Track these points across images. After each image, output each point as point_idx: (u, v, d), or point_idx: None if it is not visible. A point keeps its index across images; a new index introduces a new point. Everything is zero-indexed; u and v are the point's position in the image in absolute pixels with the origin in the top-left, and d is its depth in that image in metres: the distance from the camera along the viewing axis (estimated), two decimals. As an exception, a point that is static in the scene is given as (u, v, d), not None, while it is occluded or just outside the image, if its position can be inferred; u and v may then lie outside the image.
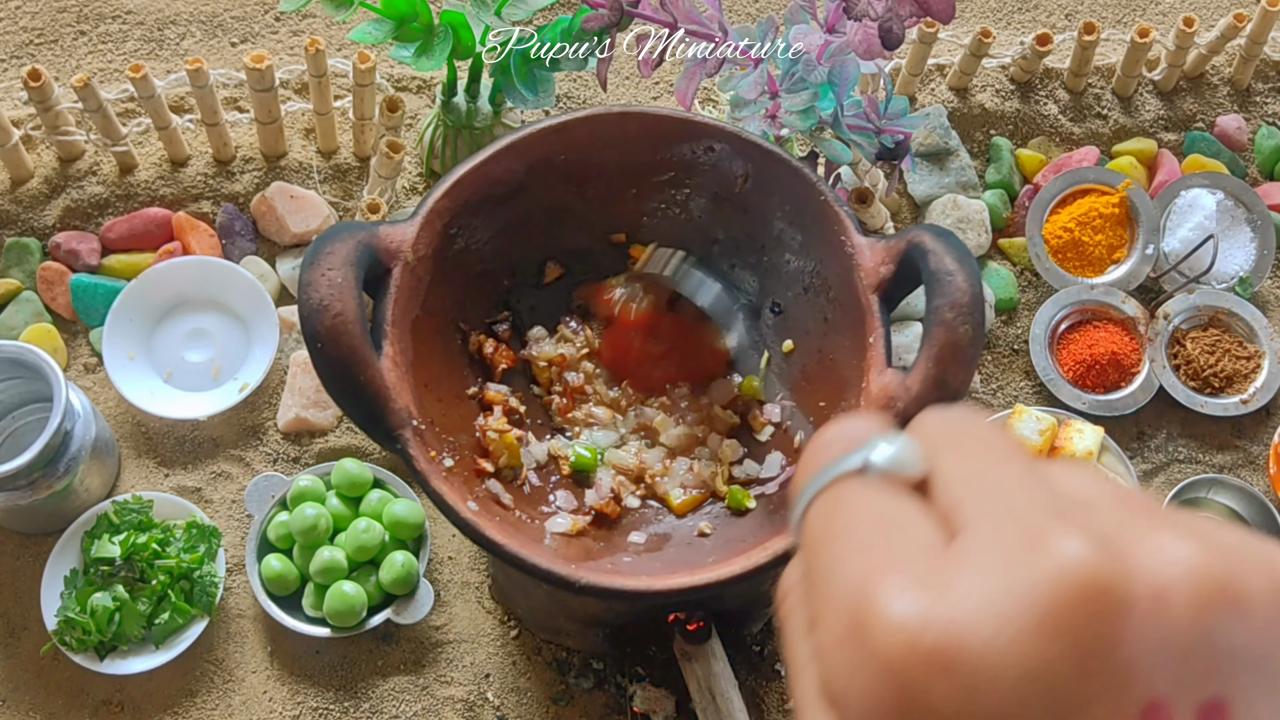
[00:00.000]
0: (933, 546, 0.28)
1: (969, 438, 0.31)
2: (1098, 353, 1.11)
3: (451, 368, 0.86)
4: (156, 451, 1.06)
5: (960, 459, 0.31)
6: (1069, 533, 0.26)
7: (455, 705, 0.98)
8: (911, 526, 0.29)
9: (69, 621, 0.95)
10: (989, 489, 0.29)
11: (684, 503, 0.85)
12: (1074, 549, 0.26)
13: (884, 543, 0.29)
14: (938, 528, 0.29)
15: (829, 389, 0.85)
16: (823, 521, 0.31)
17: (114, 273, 1.11)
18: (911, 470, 0.31)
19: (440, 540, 1.04)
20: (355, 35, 0.97)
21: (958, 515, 0.29)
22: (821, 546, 0.30)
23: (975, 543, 0.28)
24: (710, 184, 0.89)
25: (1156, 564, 0.26)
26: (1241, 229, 1.18)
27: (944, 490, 0.30)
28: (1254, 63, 1.23)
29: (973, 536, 0.28)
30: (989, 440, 0.31)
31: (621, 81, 1.25)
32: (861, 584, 0.28)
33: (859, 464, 0.31)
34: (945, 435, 0.32)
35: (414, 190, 1.16)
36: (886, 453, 0.31)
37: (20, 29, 1.23)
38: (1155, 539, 0.27)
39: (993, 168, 1.20)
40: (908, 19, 0.90)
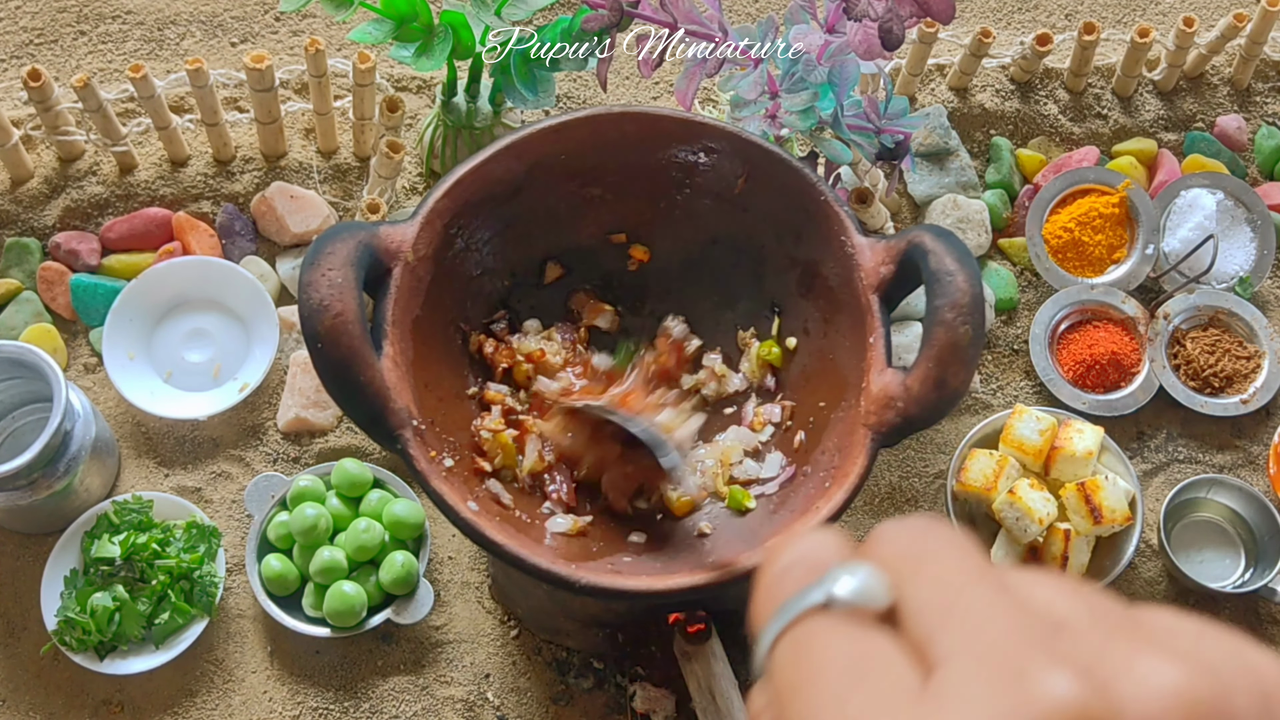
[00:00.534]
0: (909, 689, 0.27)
1: (934, 558, 0.30)
2: (1098, 353, 1.11)
3: (452, 368, 0.86)
4: (156, 451, 1.06)
5: (928, 585, 0.29)
6: (1052, 668, 0.26)
7: (455, 705, 0.98)
8: (885, 667, 0.28)
9: (69, 621, 0.95)
10: (962, 618, 0.28)
11: (683, 503, 0.85)
12: (1059, 688, 0.25)
13: (859, 689, 0.28)
14: (912, 664, 0.28)
15: (829, 389, 0.85)
16: (791, 665, 0.30)
17: (114, 273, 1.11)
18: (877, 602, 0.30)
19: (440, 540, 1.04)
20: (355, 35, 0.97)
21: (931, 649, 0.28)
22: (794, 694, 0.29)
23: (954, 683, 0.27)
24: (710, 184, 0.89)
25: (1143, 696, 0.26)
26: (1241, 229, 1.18)
27: (915, 622, 0.29)
28: (1254, 63, 1.23)
29: (951, 676, 0.27)
30: (955, 559, 0.30)
31: (621, 81, 1.25)
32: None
33: (822, 599, 0.30)
34: (909, 557, 0.30)
35: (414, 190, 1.16)
36: (850, 586, 0.30)
37: (20, 29, 1.23)
38: (1140, 666, 0.26)
39: (993, 168, 1.20)
40: (908, 19, 0.90)
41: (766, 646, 0.31)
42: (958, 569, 0.29)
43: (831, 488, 0.77)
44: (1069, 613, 0.28)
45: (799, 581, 0.31)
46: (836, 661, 0.29)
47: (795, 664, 0.30)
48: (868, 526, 1.07)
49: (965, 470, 1.03)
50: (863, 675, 0.28)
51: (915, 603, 0.29)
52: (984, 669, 0.26)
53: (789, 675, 0.30)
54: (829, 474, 0.79)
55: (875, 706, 0.27)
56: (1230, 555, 1.08)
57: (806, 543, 0.33)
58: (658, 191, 0.90)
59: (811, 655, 0.29)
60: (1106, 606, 0.29)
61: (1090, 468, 1.03)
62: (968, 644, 0.27)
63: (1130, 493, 1.02)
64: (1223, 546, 1.08)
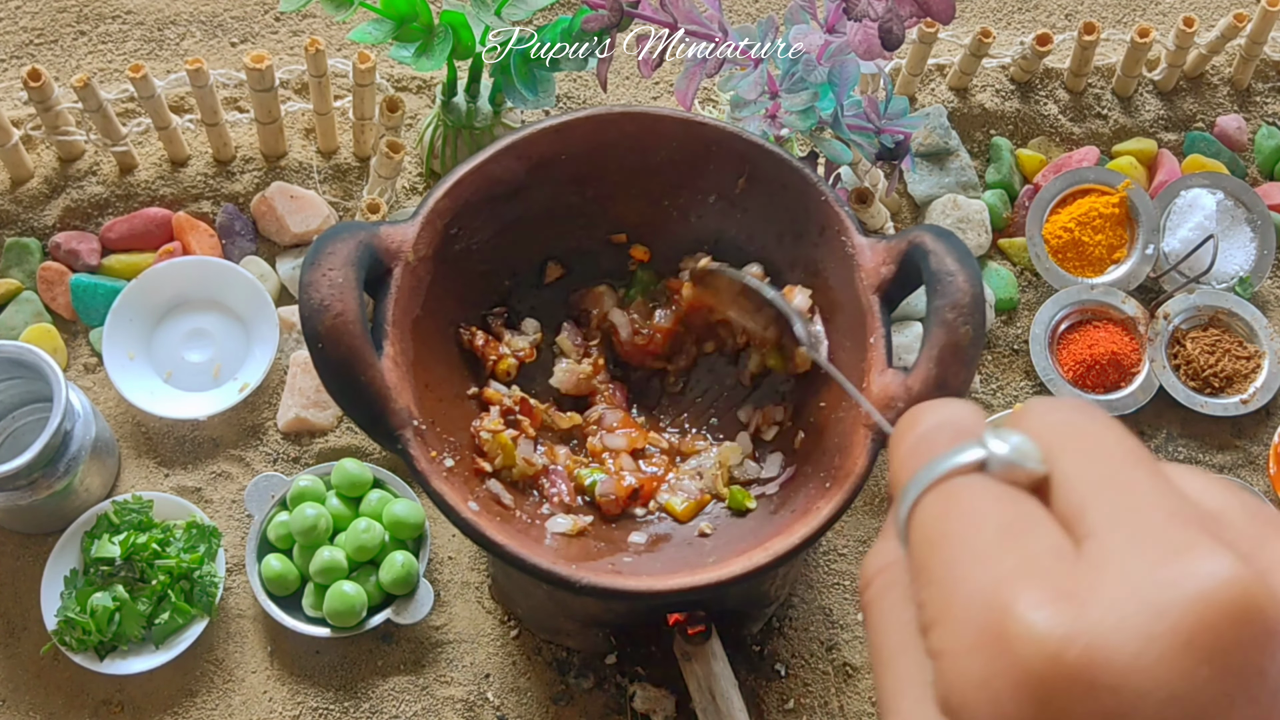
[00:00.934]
0: (1064, 554, 0.27)
1: (1088, 436, 0.30)
2: (1098, 353, 1.11)
3: (452, 368, 0.86)
4: (156, 451, 1.06)
5: (1083, 460, 0.29)
6: (1213, 549, 0.26)
7: (455, 705, 0.99)
8: (1039, 530, 0.28)
9: (69, 621, 0.95)
10: (1117, 494, 0.28)
11: (687, 509, 0.85)
12: (1220, 567, 0.25)
13: (1013, 547, 0.28)
14: (1062, 532, 0.28)
15: (829, 389, 0.85)
16: (939, 518, 0.30)
17: (114, 273, 1.11)
18: (1030, 469, 0.30)
19: (440, 540, 1.04)
20: (355, 35, 0.97)
21: (1084, 520, 0.28)
22: (940, 546, 0.29)
23: (1112, 553, 0.26)
24: (710, 184, 0.89)
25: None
26: (1241, 229, 1.18)
27: (1068, 493, 0.29)
28: (1254, 63, 1.23)
29: (1108, 545, 0.27)
30: (1110, 439, 0.30)
31: (621, 81, 1.25)
32: (995, 591, 0.27)
33: (977, 458, 0.30)
34: (1063, 432, 0.30)
35: (414, 190, 1.16)
36: (1005, 449, 0.30)
37: (20, 29, 1.23)
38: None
39: (993, 168, 1.20)
40: (908, 19, 0.90)
41: (911, 500, 0.31)
42: (1115, 447, 0.29)
43: (832, 488, 0.77)
44: (1225, 506, 0.28)
45: (949, 442, 0.31)
46: (989, 519, 0.29)
47: (943, 517, 0.29)
48: (869, 527, 1.07)
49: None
50: (1016, 534, 0.28)
51: (1070, 474, 0.29)
52: (1143, 543, 0.26)
53: (935, 529, 0.29)
54: (829, 474, 0.79)
55: (1030, 567, 0.27)
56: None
57: (952, 407, 0.33)
58: (658, 191, 0.90)
59: (963, 510, 0.29)
60: (1260, 505, 0.29)
61: (1090, 468, 1.03)
62: (1126, 517, 0.27)
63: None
64: (1223, 546, 1.08)
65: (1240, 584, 0.25)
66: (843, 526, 1.07)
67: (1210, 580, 0.25)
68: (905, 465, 0.32)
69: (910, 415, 0.33)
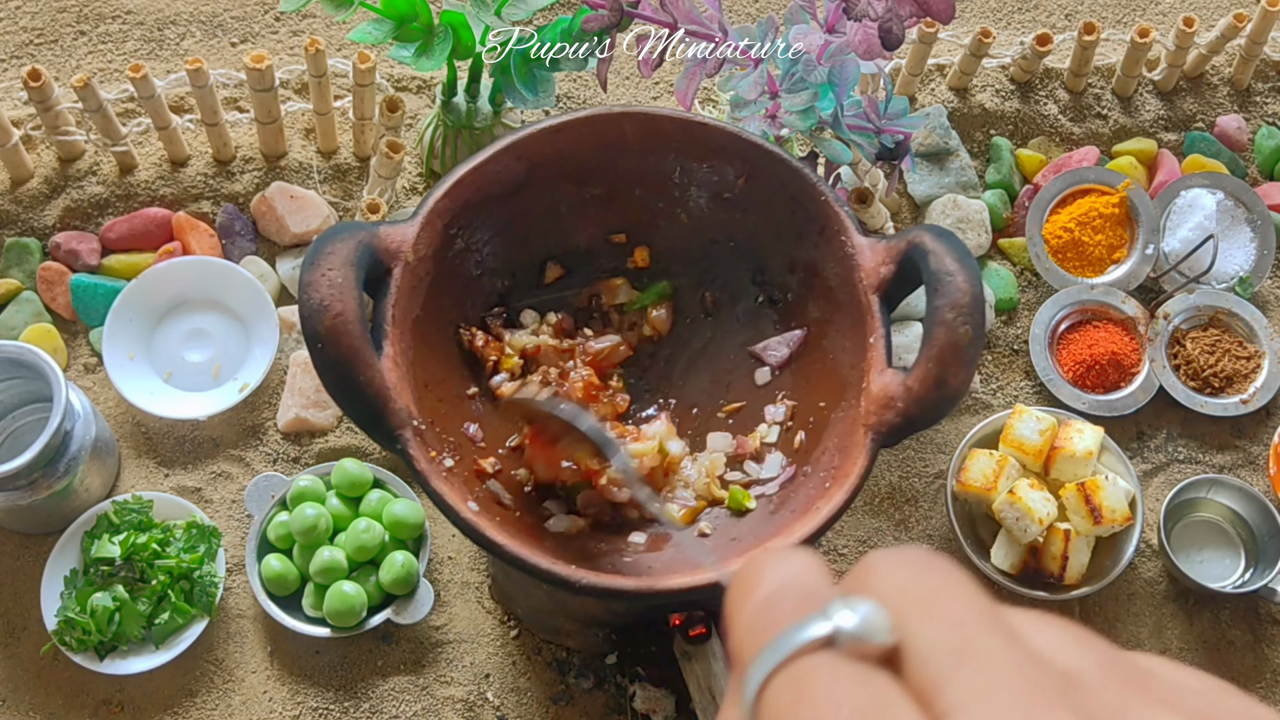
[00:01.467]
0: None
1: (938, 600, 0.29)
2: (1098, 353, 1.11)
3: (452, 368, 0.86)
4: (156, 451, 1.06)
5: (937, 627, 0.28)
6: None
7: (455, 705, 0.98)
8: (895, 714, 0.27)
9: (69, 621, 0.95)
10: (973, 668, 0.27)
11: (685, 514, 0.85)
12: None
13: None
14: (918, 711, 0.27)
15: (829, 389, 0.85)
16: (790, 706, 0.28)
17: (114, 273, 1.11)
18: (881, 640, 0.28)
19: (440, 540, 1.04)
20: (355, 35, 0.97)
21: (941, 697, 0.27)
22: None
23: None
24: (710, 184, 0.89)
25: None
26: (1241, 229, 1.18)
27: (921, 666, 0.27)
28: (1254, 63, 1.23)
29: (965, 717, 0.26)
30: (963, 600, 0.28)
31: (621, 81, 1.25)
32: None
33: (824, 633, 0.28)
34: (911, 597, 0.29)
35: (414, 190, 1.16)
36: (854, 621, 0.28)
37: (20, 29, 1.23)
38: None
39: (993, 168, 1.20)
40: (908, 19, 0.90)
41: (757, 684, 0.29)
42: (966, 611, 0.28)
43: (832, 488, 0.77)
44: (1078, 664, 0.28)
45: (793, 613, 0.29)
46: (844, 706, 0.27)
47: (796, 705, 0.28)
48: (868, 527, 1.07)
49: (965, 470, 1.03)
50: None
51: (923, 645, 0.28)
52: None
53: (788, 717, 0.28)
54: (829, 474, 0.79)
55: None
56: (1230, 555, 1.08)
57: (792, 564, 0.31)
58: (658, 191, 0.90)
59: (815, 698, 0.27)
60: (1113, 657, 0.28)
61: (1090, 468, 1.03)
62: (982, 696, 0.26)
63: (1130, 493, 1.02)
64: (1223, 546, 1.08)
65: None
66: (843, 526, 1.07)
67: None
68: (748, 639, 0.30)
69: (748, 573, 0.31)
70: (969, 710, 0.26)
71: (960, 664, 0.27)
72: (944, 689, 0.27)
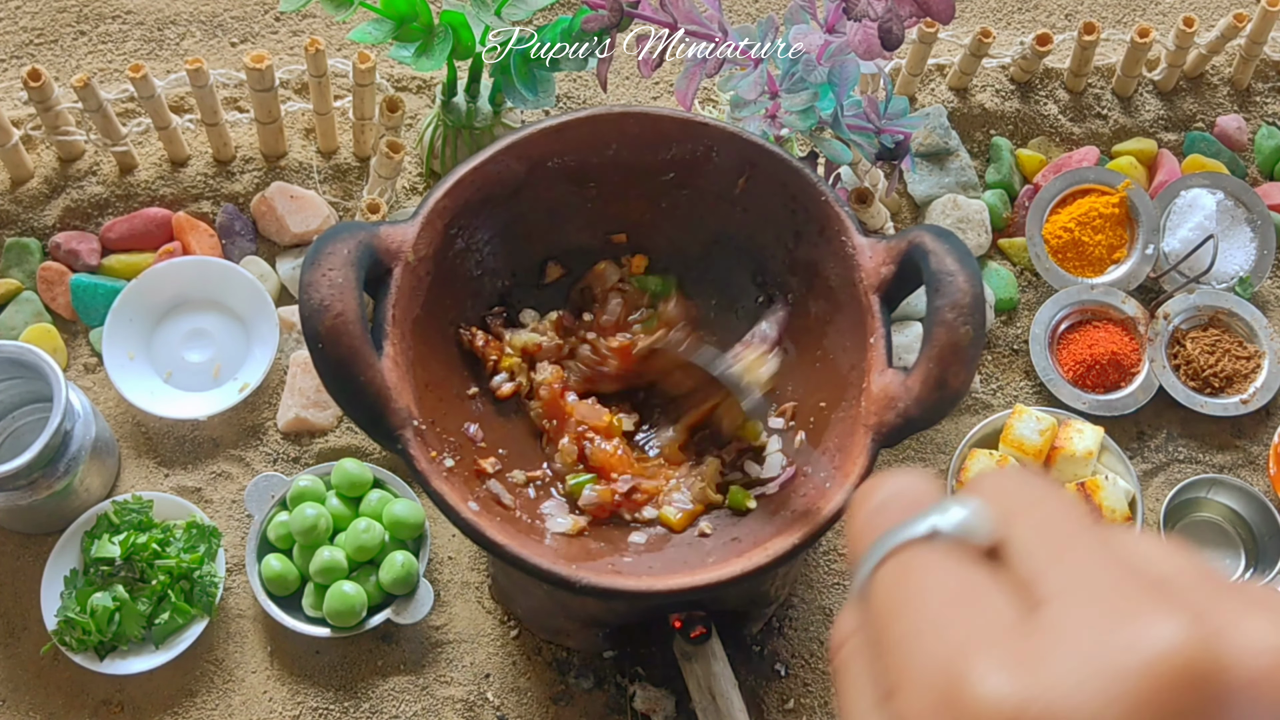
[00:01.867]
0: (1016, 621, 0.28)
1: (1039, 505, 0.31)
2: (1098, 353, 1.11)
3: (452, 368, 0.86)
4: (156, 451, 1.06)
5: (1035, 529, 0.30)
6: (1164, 613, 0.26)
7: (455, 705, 0.98)
8: (991, 597, 0.29)
9: (69, 621, 0.95)
10: (1069, 562, 0.29)
11: (681, 519, 0.85)
12: (1171, 631, 0.26)
13: (966, 616, 0.28)
14: (1016, 598, 0.29)
15: (829, 389, 0.85)
16: (894, 589, 0.30)
17: (114, 273, 1.11)
18: (982, 537, 0.30)
19: (440, 540, 1.04)
20: (355, 35, 0.97)
21: (1038, 587, 0.28)
22: (896, 616, 0.30)
23: (1064, 619, 0.27)
24: (710, 184, 0.89)
25: (1251, 652, 0.26)
26: (1241, 229, 1.18)
27: (1021, 561, 0.29)
28: (1254, 63, 1.23)
29: (1060, 612, 0.27)
30: (1061, 509, 0.30)
31: (621, 81, 1.25)
32: (950, 659, 0.27)
33: (929, 529, 0.31)
34: (1014, 501, 0.31)
35: (414, 190, 1.16)
36: (958, 518, 0.31)
37: (20, 29, 1.23)
38: (1247, 624, 0.27)
39: (993, 168, 1.20)
40: (908, 19, 0.90)
41: (868, 570, 0.31)
42: (1067, 516, 0.30)
43: (832, 488, 0.77)
44: (1175, 570, 0.29)
45: (902, 513, 0.32)
46: (943, 588, 0.29)
47: (898, 587, 0.30)
48: (868, 526, 1.07)
49: (965, 470, 1.03)
50: (969, 603, 0.29)
51: (1023, 542, 0.30)
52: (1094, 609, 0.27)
53: (892, 599, 0.30)
54: (830, 474, 0.79)
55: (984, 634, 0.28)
56: (1230, 555, 1.08)
57: (907, 478, 0.34)
58: (658, 191, 0.90)
59: (917, 581, 0.30)
60: (1208, 570, 0.29)
61: (1090, 468, 1.03)
62: (1078, 585, 0.28)
63: (1130, 493, 1.02)
64: (1223, 546, 1.08)
65: (1191, 648, 0.26)
66: (843, 526, 1.07)
67: (1162, 644, 0.26)
68: (862, 536, 0.33)
69: (866, 487, 0.34)
70: (1063, 599, 0.28)
71: (1060, 557, 0.29)
72: (1040, 580, 0.28)
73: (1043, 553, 0.29)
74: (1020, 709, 0.26)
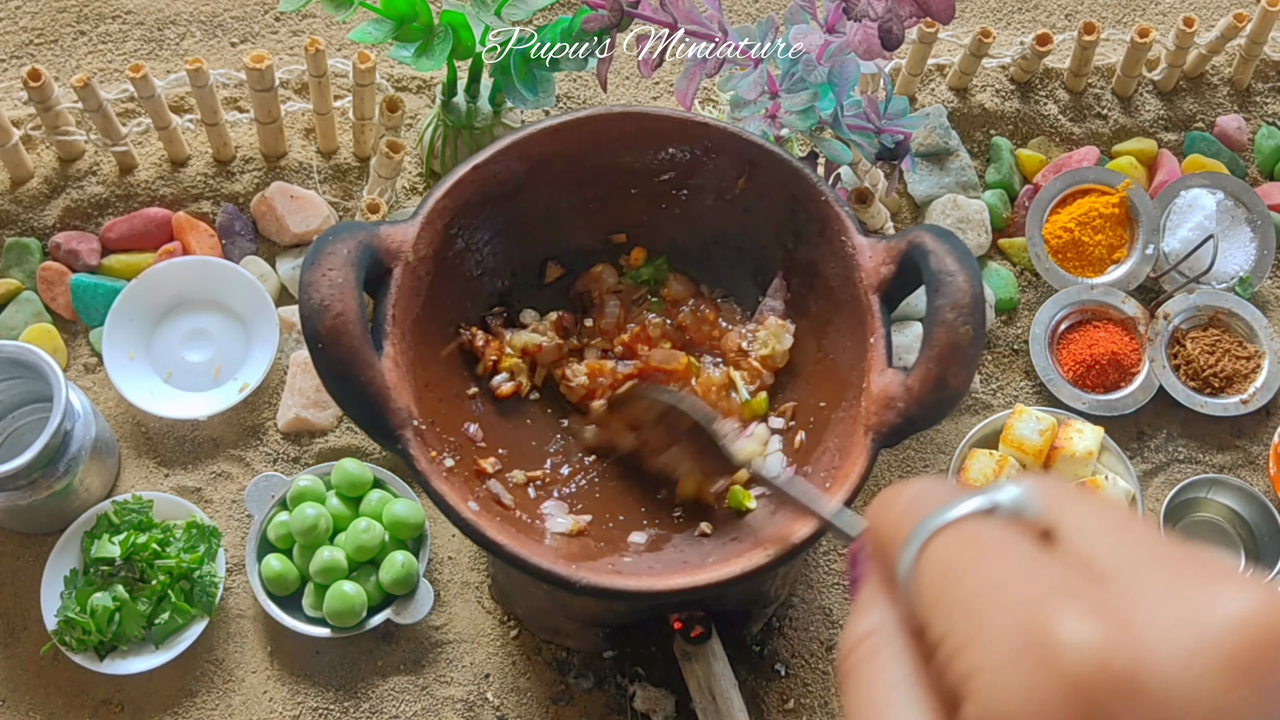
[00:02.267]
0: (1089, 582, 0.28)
1: (1085, 496, 0.32)
2: (1098, 353, 1.11)
3: (452, 368, 0.86)
4: (156, 451, 1.06)
5: (1084, 514, 0.31)
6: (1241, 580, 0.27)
7: (455, 705, 0.99)
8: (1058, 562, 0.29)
9: (69, 621, 0.95)
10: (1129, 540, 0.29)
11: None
12: (1252, 595, 0.27)
13: (1043, 572, 0.29)
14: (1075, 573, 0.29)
15: (829, 389, 0.85)
16: (957, 554, 0.31)
17: (114, 273, 1.11)
18: (1035, 515, 0.31)
19: (440, 540, 1.04)
20: (355, 35, 0.97)
21: (1100, 562, 0.29)
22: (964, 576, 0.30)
23: (1139, 584, 0.28)
24: (710, 184, 0.89)
25: None
26: (1241, 229, 1.18)
27: (1080, 540, 0.30)
28: (1254, 63, 1.23)
29: (1133, 579, 0.28)
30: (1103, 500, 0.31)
31: (621, 81, 1.25)
32: (1033, 609, 0.28)
33: (985, 504, 0.32)
34: (1058, 492, 0.32)
35: (414, 190, 1.16)
36: (1014, 494, 0.31)
37: (20, 29, 1.23)
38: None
39: (993, 168, 1.20)
40: (908, 19, 0.90)
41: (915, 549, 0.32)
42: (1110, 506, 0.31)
43: (832, 488, 0.77)
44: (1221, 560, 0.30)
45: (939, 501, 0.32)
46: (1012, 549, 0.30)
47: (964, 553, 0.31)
48: (868, 526, 1.07)
49: (965, 470, 1.03)
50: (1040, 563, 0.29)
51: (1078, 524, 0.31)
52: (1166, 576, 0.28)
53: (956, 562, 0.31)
54: (830, 474, 0.79)
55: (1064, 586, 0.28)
56: (1230, 555, 1.08)
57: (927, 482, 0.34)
58: (658, 191, 0.90)
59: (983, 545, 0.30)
60: None
61: (1090, 468, 1.03)
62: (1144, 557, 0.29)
63: (1130, 493, 1.02)
64: (1223, 546, 1.08)
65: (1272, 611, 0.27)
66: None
67: (1245, 606, 0.27)
68: (901, 524, 0.33)
69: (890, 490, 0.35)
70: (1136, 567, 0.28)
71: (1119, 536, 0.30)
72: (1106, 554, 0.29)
73: (1101, 533, 0.30)
74: (1112, 654, 0.26)
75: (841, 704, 0.34)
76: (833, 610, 1.03)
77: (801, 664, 1.01)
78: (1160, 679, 0.26)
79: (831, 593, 1.04)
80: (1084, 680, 0.26)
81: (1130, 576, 0.28)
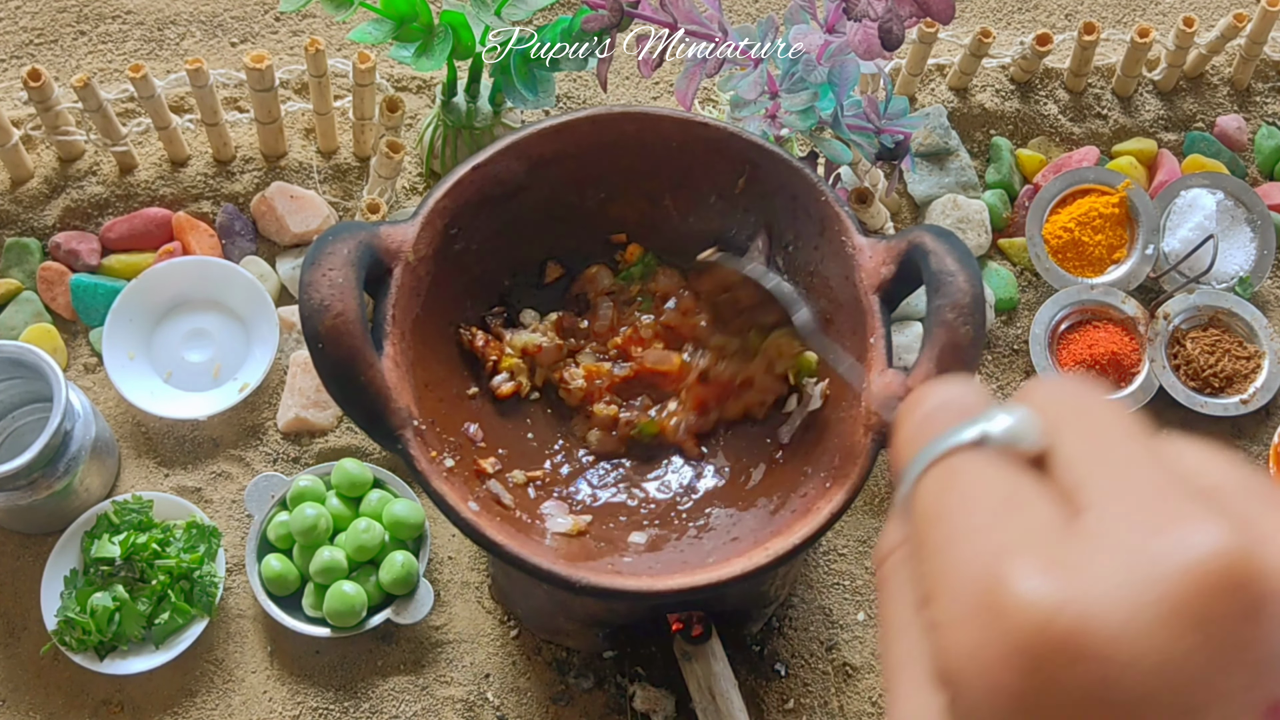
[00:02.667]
0: (1057, 526, 0.28)
1: (1088, 413, 0.31)
2: (1098, 353, 1.11)
3: (452, 368, 0.86)
4: (156, 451, 1.06)
5: (1082, 436, 0.30)
6: (1204, 519, 0.26)
7: (455, 705, 0.99)
8: (1034, 504, 0.29)
9: (69, 621, 0.95)
10: (1114, 469, 0.28)
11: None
12: (1210, 537, 0.25)
13: (1008, 521, 0.28)
14: (1059, 506, 0.28)
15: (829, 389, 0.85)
16: (938, 495, 0.30)
17: (114, 273, 1.11)
18: (1029, 444, 0.30)
19: (440, 540, 1.04)
20: (355, 35, 0.97)
21: (1081, 493, 0.28)
22: (938, 521, 0.30)
23: (1104, 523, 0.27)
24: (710, 184, 0.89)
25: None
26: (1241, 229, 1.18)
27: (1066, 468, 0.29)
28: (1254, 63, 1.23)
29: (1100, 517, 0.27)
30: (1109, 417, 0.30)
31: (621, 81, 1.25)
32: (989, 562, 0.27)
33: (975, 436, 0.31)
34: (1062, 410, 0.31)
35: (414, 190, 1.16)
36: (1004, 425, 0.31)
37: (20, 29, 1.23)
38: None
39: (993, 168, 1.20)
40: (908, 19, 0.90)
41: (913, 478, 0.32)
42: (1114, 425, 0.30)
43: (832, 488, 0.77)
44: (1223, 479, 0.29)
45: (951, 420, 0.32)
46: (986, 494, 0.29)
47: (942, 493, 0.30)
48: (868, 527, 1.07)
49: (965, 470, 1.03)
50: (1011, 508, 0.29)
51: (1069, 449, 0.30)
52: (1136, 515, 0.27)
53: (934, 503, 0.30)
54: (830, 474, 0.79)
55: (1024, 538, 0.28)
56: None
57: (955, 387, 0.33)
58: (658, 191, 0.90)
59: (960, 486, 0.30)
60: (1258, 479, 0.29)
61: (1090, 468, 1.03)
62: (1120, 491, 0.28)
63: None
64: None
65: (1229, 554, 0.25)
66: (843, 526, 1.07)
67: (1200, 550, 0.25)
68: (909, 445, 0.33)
69: (914, 396, 0.34)
70: (1106, 505, 0.27)
71: (1104, 465, 0.29)
72: (1084, 486, 0.28)
73: (1087, 460, 0.29)
74: (1056, 611, 0.26)
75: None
76: (833, 610, 1.03)
77: (801, 664, 1.01)
78: (1105, 635, 0.25)
79: (831, 593, 1.04)
80: (1026, 641, 0.26)
81: (1102, 513, 0.27)
